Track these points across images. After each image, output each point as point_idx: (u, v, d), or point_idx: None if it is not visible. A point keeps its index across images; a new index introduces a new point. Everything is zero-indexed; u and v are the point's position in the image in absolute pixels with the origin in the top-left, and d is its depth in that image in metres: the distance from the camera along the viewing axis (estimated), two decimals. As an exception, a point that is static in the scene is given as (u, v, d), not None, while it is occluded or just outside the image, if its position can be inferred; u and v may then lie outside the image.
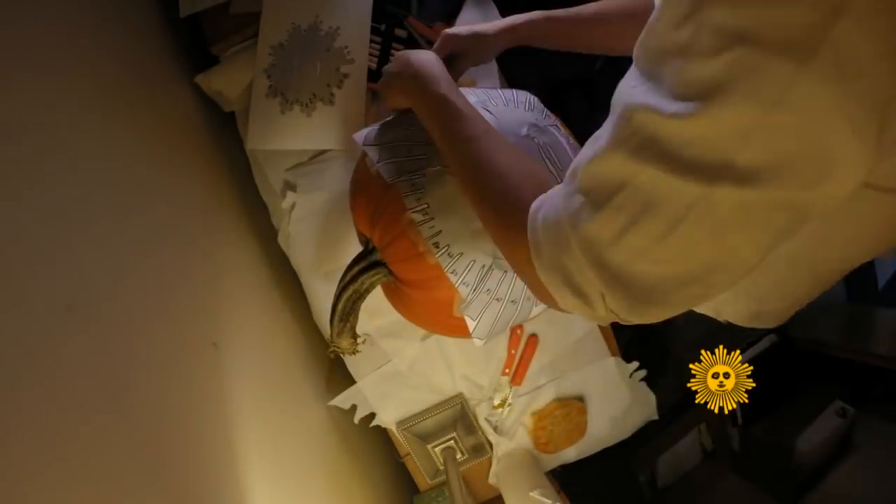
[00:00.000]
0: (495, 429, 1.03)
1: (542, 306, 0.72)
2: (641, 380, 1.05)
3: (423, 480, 1.05)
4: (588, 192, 0.40)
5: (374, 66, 0.95)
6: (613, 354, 1.02)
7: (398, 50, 0.96)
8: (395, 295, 0.76)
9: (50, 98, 0.58)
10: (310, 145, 0.95)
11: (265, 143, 0.95)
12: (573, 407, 1.02)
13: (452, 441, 1.00)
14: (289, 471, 0.79)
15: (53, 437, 0.41)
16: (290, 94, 0.93)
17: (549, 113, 0.73)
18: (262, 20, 0.94)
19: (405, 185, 0.63)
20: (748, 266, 0.38)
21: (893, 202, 0.42)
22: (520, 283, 0.66)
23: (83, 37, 0.71)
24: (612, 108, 0.40)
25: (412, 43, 0.97)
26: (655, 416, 1.08)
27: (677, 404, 1.54)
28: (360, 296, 0.73)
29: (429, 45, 0.96)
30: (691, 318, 0.88)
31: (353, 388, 1.00)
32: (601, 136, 0.40)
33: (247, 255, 0.96)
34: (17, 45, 0.55)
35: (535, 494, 0.91)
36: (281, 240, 0.98)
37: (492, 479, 1.06)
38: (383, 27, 0.96)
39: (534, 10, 0.91)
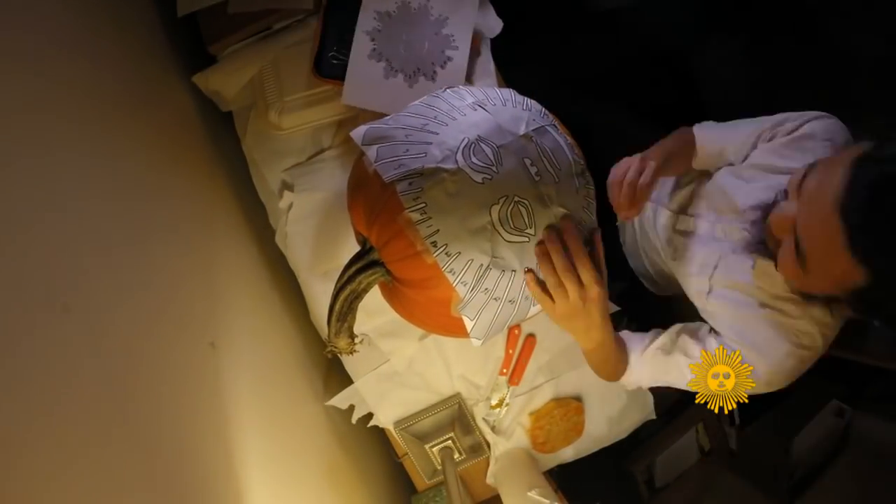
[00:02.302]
0: (493, 428, 1.03)
1: (539, 306, 0.72)
2: (639, 379, 1.05)
3: (421, 480, 1.05)
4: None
5: None
6: (611, 354, 1.02)
7: None
8: (393, 294, 0.76)
9: (44, 97, 0.58)
10: None
11: (360, 102, 0.96)
12: (571, 407, 1.02)
13: (450, 441, 1.00)
14: (286, 471, 0.79)
15: (50, 438, 0.41)
16: (396, 63, 0.96)
17: (546, 112, 0.73)
18: None
19: (403, 184, 0.63)
20: None
21: None
22: (517, 283, 0.66)
23: (79, 35, 0.70)
24: None
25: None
26: (653, 416, 1.08)
27: (675, 404, 1.54)
28: (358, 295, 0.73)
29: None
30: (689, 317, 0.88)
31: (350, 388, 0.99)
32: None
33: (244, 254, 0.96)
34: (8, 42, 0.55)
35: (532, 494, 0.91)
36: (278, 240, 0.98)
37: (489, 479, 1.06)
38: None
39: (531, 10, 0.91)
